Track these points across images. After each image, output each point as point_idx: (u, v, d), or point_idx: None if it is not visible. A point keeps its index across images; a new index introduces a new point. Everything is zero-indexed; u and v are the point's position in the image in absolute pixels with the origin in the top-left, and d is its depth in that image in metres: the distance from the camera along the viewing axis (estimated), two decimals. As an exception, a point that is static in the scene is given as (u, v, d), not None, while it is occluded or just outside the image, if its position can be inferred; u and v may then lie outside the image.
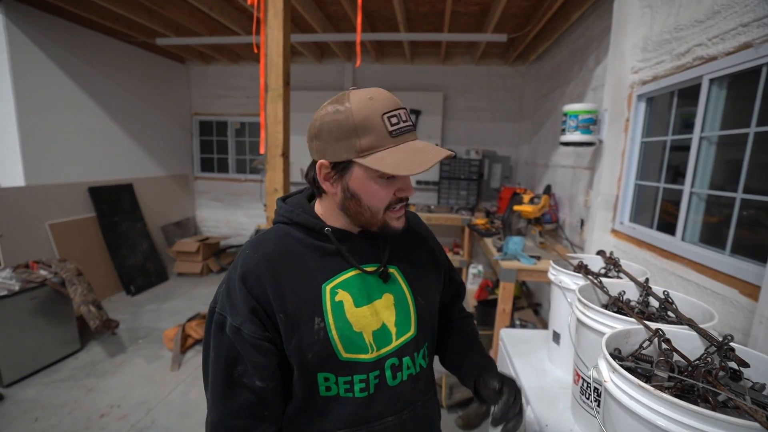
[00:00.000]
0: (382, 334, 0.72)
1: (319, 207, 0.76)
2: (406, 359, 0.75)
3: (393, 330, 0.74)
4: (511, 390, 0.76)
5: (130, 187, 4.23)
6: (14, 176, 3.13)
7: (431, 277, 0.84)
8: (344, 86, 4.67)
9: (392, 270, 0.77)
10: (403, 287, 0.77)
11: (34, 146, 3.20)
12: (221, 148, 5.29)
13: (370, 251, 0.76)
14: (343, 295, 0.70)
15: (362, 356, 0.70)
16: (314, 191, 0.77)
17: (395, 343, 0.73)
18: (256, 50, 2.44)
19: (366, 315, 0.71)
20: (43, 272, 2.64)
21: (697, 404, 0.63)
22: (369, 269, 0.74)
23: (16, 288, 2.41)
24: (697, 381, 0.64)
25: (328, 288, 0.70)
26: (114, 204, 3.97)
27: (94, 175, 3.83)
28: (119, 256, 3.90)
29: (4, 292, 2.35)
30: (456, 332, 0.95)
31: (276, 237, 0.73)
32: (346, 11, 3.16)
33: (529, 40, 3.44)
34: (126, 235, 4.04)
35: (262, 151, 2.43)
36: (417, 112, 4.49)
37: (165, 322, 3.32)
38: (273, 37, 2.35)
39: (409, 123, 0.67)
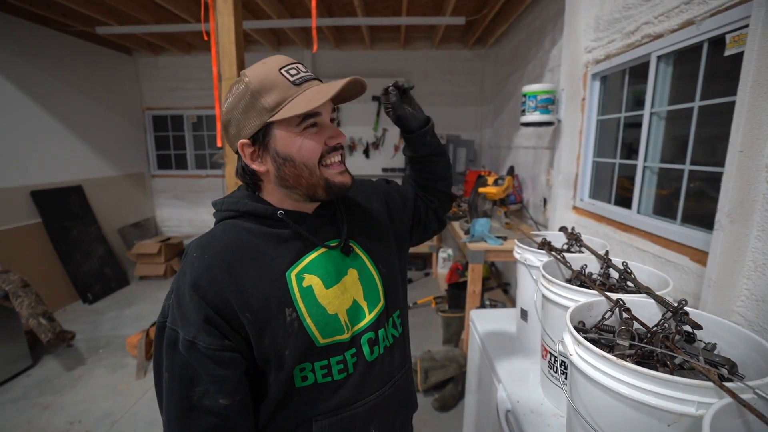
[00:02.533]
0: (354, 311, 0.71)
1: (264, 195, 0.72)
2: (381, 331, 0.74)
3: (364, 304, 0.73)
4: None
5: (80, 189, 3.95)
6: (-59, 183, 2.84)
7: (388, 243, 0.83)
8: (305, 74, 4.54)
9: (351, 244, 0.75)
10: (364, 259, 0.76)
11: (-39, 149, 2.91)
12: (178, 143, 5.02)
13: (328, 228, 0.73)
14: (311, 279, 0.67)
15: (339, 337, 0.68)
16: (250, 187, 0.72)
17: (369, 317, 0.72)
18: (206, 38, 2.30)
19: (337, 294, 0.69)
20: (-18, 286, 2.42)
21: (656, 369, 0.65)
22: (332, 244, 0.71)
23: (-48, 305, 2.20)
24: (656, 347, 0.67)
25: (293, 275, 0.66)
26: (62, 208, 3.69)
27: (37, 177, 3.53)
28: (72, 263, 3.65)
29: (-62, 311, 2.14)
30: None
31: (224, 233, 0.68)
32: (301, -5, 3.04)
33: (486, 23, 3.46)
34: (78, 240, 3.78)
35: (219, 144, 2.32)
36: (379, 99, 4.44)
37: (128, 328, 3.15)
38: (224, 23, 2.22)
39: (310, 73, 0.67)
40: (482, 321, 1.53)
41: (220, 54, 2.25)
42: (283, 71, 0.64)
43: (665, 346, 0.67)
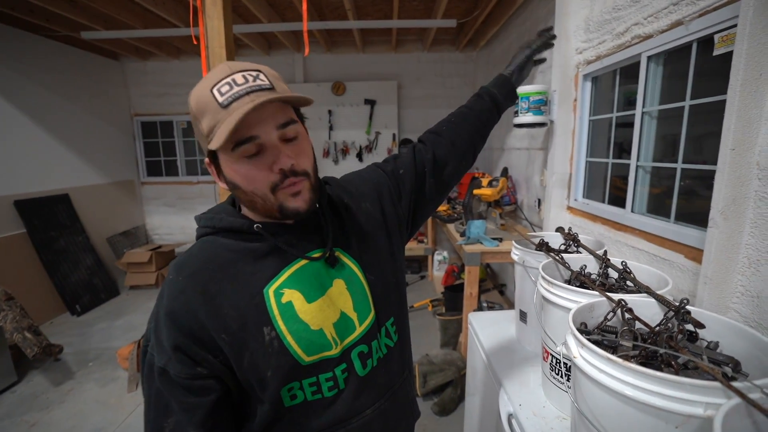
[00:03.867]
0: (343, 324, 0.66)
1: (244, 210, 0.68)
2: (374, 343, 0.70)
3: (354, 316, 0.68)
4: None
5: (67, 197, 3.87)
6: None
7: (379, 244, 0.76)
8: (295, 78, 4.52)
9: (337, 253, 0.70)
10: (353, 267, 0.70)
11: (-58, 159, 2.83)
12: (168, 149, 4.96)
13: (312, 238, 0.68)
14: (291, 294, 0.63)
15: (326, 353, 0.64)
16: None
17: (360, 329, 0.68)
18: (195, 42, 2.28)
19: (322, 308, 0.64)
20: (-34, 300, 2.35)
21: (661, 370, 0.65)
22: (315, 255, 0.66)
23: (-66, 320, 2.13)
24: (660, 347, 0.66)
25: (271, 291, 0.62)
26: (48, 218, 3.61)
27: (20, 186, 3.45)
28: (59, 274, 3.56)
29: None
30: (449, 131, 0.89)
31: (200, 251, 0.65)
32: (291, 0, 3.03)
33: (478, 25, 3.48)
34: (66, 250, 3.70)
35: (210, 149, 2.29)
36: (372, 102, 4.44)
37: (118, 340, 3.08)
38: (213, 27, 2.20)
39: (248, 84, 0.57)
40: (481, 324, 1.53)
41: (210, 58, 2.23)
42: (214, 90, 0.57)
43: (669, 345, 0.67)
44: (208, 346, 0.59)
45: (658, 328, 0.72)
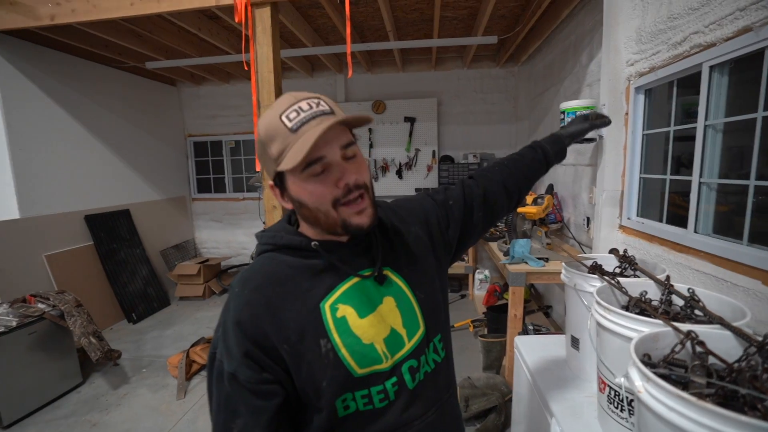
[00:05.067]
0: (393, 340, 0.70)
1: (302, 228, 0.73)
2: (422, 358, 0.72)
3: (403, 332, 0.71)
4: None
5: (127, 212, 4.19)
6: (8, 209, 3.09)
7: (427, 266, 0.80)
8: (336, 98, 4.67)
9: (386, 271, 0.73)
10: (401, 285, 0.74)
11: (27, 178, 3.17)
12: (217, 168, 5.27)
13: (363, 256, 0.73)
14: (345, 309, 0.67)
15: (377, 367, 0.67)
16: (290, 213, 0.77)
17: (409, 345, 0.71)
18: (246, 68, 2.42)
19: (373, 323, 0.68)
20: (41, 305, 2.58)
21: (744, 413, 0.58)
22: (366, 273, 0.71)
23: (14, 324, 2.34)
24: (742, 386, 0.59)
25: (327, 306, 0.67)
26: (111, 231, 3.92)
27: (90, 203, 3.79)
28: (119, 283, 3.84)
29: (1, 329, 2.29)
30: (502, 172, 0.96)
31: (262, 267, 0.70)
32: (334, 24, 3.16)
33: (519, 40, 3.44)
34: (125, 261, 3.98)
35: (258, 168, 2.40)
36: (412, 120, 4.48)
37: (168, 348, 3.25)
38: (263, 53, 2.33)
39: (312, 110, 0.63)
40: (528, 348, 1.45)
41: (260, 82, 2.36)
42: (283, 117, 0.63)
43: (753, 386, 0.60)
44: (271, 354, 0.63)
45: (737, 365, 0.65)
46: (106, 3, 2.42)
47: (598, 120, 1.16)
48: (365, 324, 0.67)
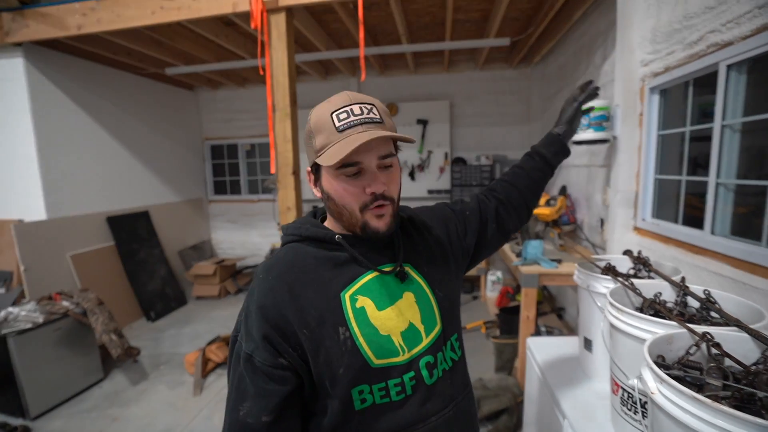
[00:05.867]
0: (411, 334, 0.71)
1: (327, 222, 0.78)
2: (439, 355, 0.74)
3: (421, 327, 0.73)
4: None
5: (147, 214, 4.31)
6: (36, 211, 3.22)
7: (446, 267, 0.83)
8: (350, 101, 4.70)
9: (407, 268, 0.76)
10: (421, 283, 0.76)
11: (54, 181, 3.29)
12: (233, 170, 5.37)
13: (384, 252, 0.75)
14: (364, 301, 0.69)
15: (394, 360, 0.69)
16: (314, 209, 0.83)
17: (426, 340, 0.72)
18: (261, 72, 2.48)
19: (391, 317, 0.70)
20: (65, 303, 2.68)
21: (761, 416, 0.58)
22: (386, 269, 0.73)
23: (40, 320, 2.44)
24: (759, 389, 0.59)
25: (347, 296, 0.69)
26: (132, 232, 4.04)
27: (112, 204, 3.91)
28: (139, 283, 3.95)
29: (29, 325, 2.39)
30: (506, 186, 0.98)
31: (286, 256, 0.74)
32: (348, 28, 3.20)
33: (532, 42, 3.42)
34: (144, 261, 4.09)
35: (273, 170, 2.45)
36: (424, 122, 4.49)
37: (185, 346, 3.33)
38: (278, 58, 2.38)
39: (363, 116, 0.66)
40: (540, 349, 1.45)
41: (275, 86, 2.41)
42: (334, 115, 0.66)
43: (769, 388, 0.59)
44: (290, 340, 0.66)
45: (755, 367, 0.64)
46: (129, 12, 2.51)
47: (584, 93, 1.08)
48: (383, 316, 0.69)
